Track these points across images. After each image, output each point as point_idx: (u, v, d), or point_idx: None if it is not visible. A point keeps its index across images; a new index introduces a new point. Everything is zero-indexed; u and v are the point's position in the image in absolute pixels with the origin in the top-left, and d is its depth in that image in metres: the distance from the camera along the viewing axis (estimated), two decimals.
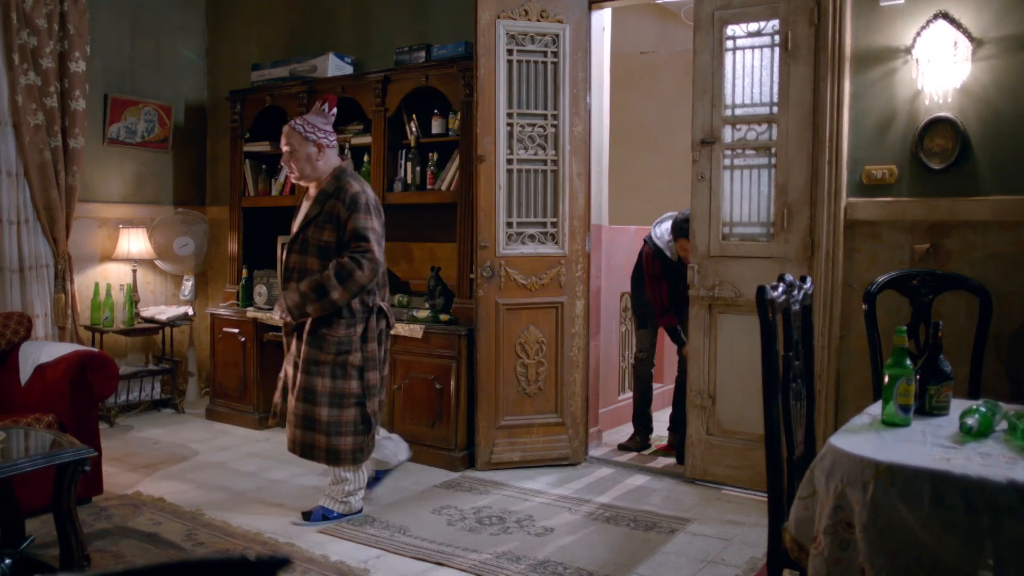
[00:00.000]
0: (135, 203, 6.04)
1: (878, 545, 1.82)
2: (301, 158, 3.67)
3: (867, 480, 1.86)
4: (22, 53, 5.09)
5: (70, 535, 2.88)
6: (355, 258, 3.53)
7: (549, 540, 3.55)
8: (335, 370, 3.61)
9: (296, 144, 3.67)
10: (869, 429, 2.21)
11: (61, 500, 2.85)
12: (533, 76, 4.52)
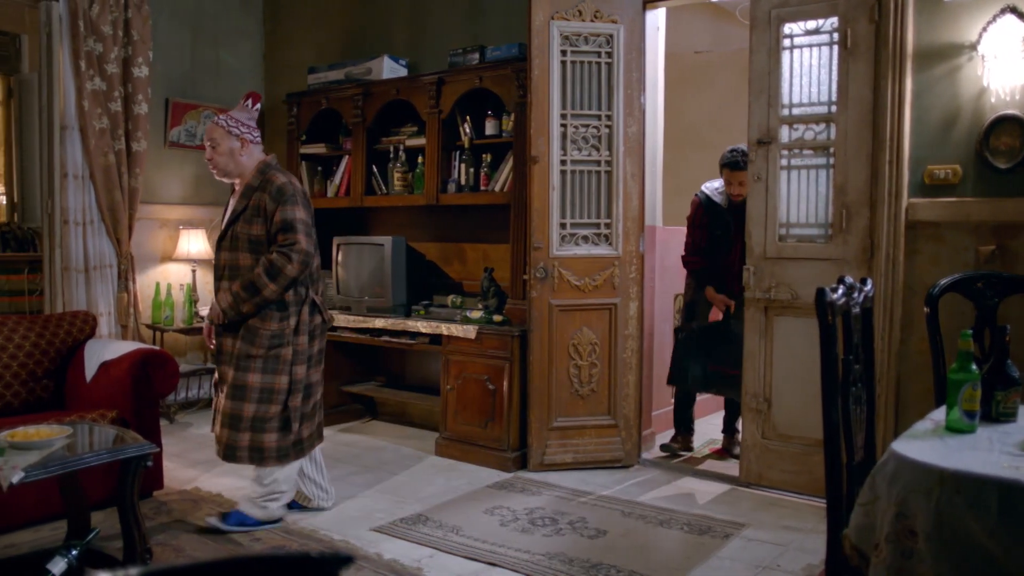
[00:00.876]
0: (194, 204, 6.16)
1: (942, 555, 1.78)
2: (223, 153, 3.61)
3: (931, 488, 1.81)
4: (88, 59, 5.23)
5: (133, 529, 2.95)
6: (283, 252, 3.47)
7: (602, 542, 3.54)
8: (267, 364, 3.54)
9: (219, 138, 3.61)
10: (933, 435, 2.16)
11: (124, 494, 2.93)
12: (587, 77, 4.50)
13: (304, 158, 5.79)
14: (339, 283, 5.40)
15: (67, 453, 2.80)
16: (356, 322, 5.20)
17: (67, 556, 2.92)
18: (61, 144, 5.25)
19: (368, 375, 5.81)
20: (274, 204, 3.51)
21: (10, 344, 4.04)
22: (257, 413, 3.53)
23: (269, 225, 3.52)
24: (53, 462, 2.71)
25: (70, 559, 2.92)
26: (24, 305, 6.71)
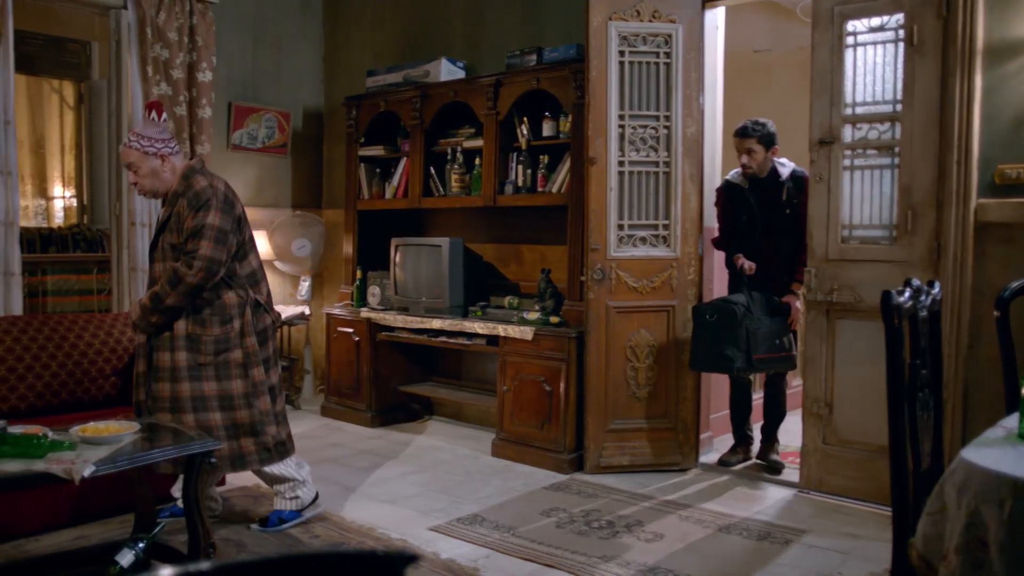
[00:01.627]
0: (256, 206, 6.27)
1: (1016, 566, 1.72)
2: (146, 175, 3.45)
3: (1004, 497, 1.76)
4: (155, 65, 5.37)
5: (197, 523, 3.01)
6: (186, 260, 3.34)
7: (658, 546, 3.51)
8: (218, 371, 3.42)
9: (136, 162, 3.44)
10: (1005, 443, 2.10)
11: (189, 490, 2.99)
12: (645, 77, 4.48)
13: (362, 160, 5.86)
14: (397, 284, 5.45)
15: (135, 448, 2.87)
16: (413, 323, 5.24)
17: (134, 549, 3.00)
18: None
19: (425, 375, 5.85)
20: (189, 210, 3.38)
21: (80, 342, 4.16)
22: (225, 421, 3.41)
23: (182, 230, 3.40)
24: (122, 457, 2.78)
25: (137, 552, 2.99)
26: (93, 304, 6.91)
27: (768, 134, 4.46)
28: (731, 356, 4.18)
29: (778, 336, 4.34)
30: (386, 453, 4.93)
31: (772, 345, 4.29)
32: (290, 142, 6.44)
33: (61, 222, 8.71)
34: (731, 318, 4.20)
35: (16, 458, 2.66)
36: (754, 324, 4.22)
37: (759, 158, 4.45)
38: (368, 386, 5.54)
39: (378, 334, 5.51)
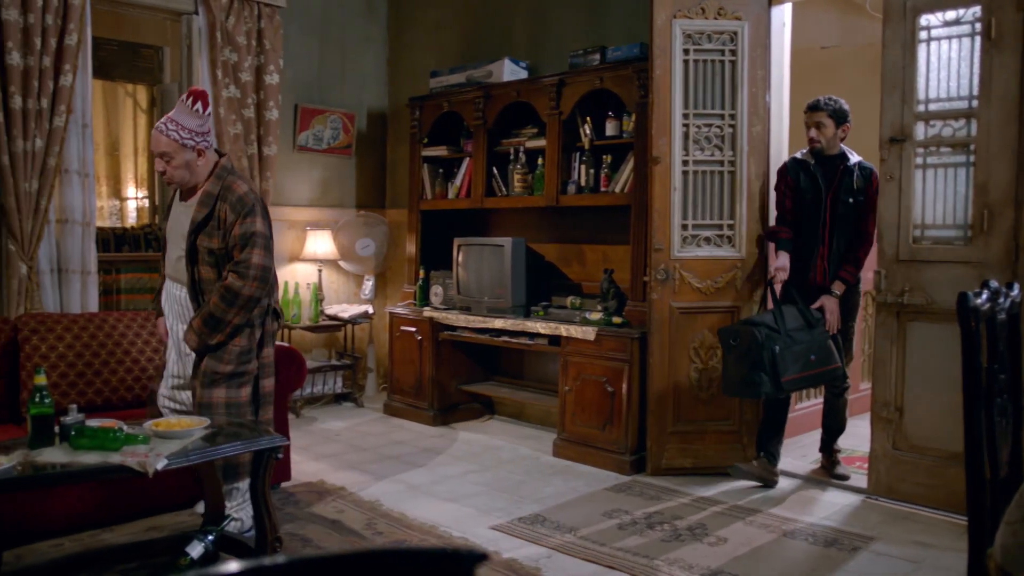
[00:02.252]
0: (321, 206, 6.37)
1: None
2: (179, 166, 3.31)
3: None
4: (224, 68, 5.49)
5: (264, 517, 3.07)
6: (238, 272, 3.27)
7: (722, 550, 3.46)
8: (232, 379, 3.37)
9: (172, 152, 3.29)
10: None
11: (257, 484, 3.05)
12: (710, 75, 4.42)
13: (426, 160, 5.90)
14: (459, 284, 5.48)
15: (205, 443, 2.94)
16: (476, 322, 5.27)
17: (204, 541, 3.07)
18: None
19: (487, 375, 5.87)
20: (234, 216, 3.29)
21: (152, 339, 4.27)
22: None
23: (227, 238, 3.30)
24: (193, 451, 2.85)
25: (207, 543, 3.07)
26: None
27: (840, 109, 4.25)
28: (757, 381, 3.96)
29: (815, 351, 4.07)
30: (448, 452, 4.96)
31: (806, 363, 4.05)
32: (354, 143, 6.52)
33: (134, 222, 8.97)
34: (752, 342, 3.97)
35: (94, 450, 2.74)
36: (782, 344, 3.97)
37: (828, 133, 4.25)
38: (430, 385, 5.58)
39: (440, 333, 5.54)
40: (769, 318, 4.10)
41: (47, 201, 4.80)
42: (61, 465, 2.69)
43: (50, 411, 2.84)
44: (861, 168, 4.29)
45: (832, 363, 4.14)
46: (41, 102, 4.72)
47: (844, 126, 4.28)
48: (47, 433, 2.83)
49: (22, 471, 2.63)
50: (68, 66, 4.79)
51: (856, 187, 4.26)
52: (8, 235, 4.71)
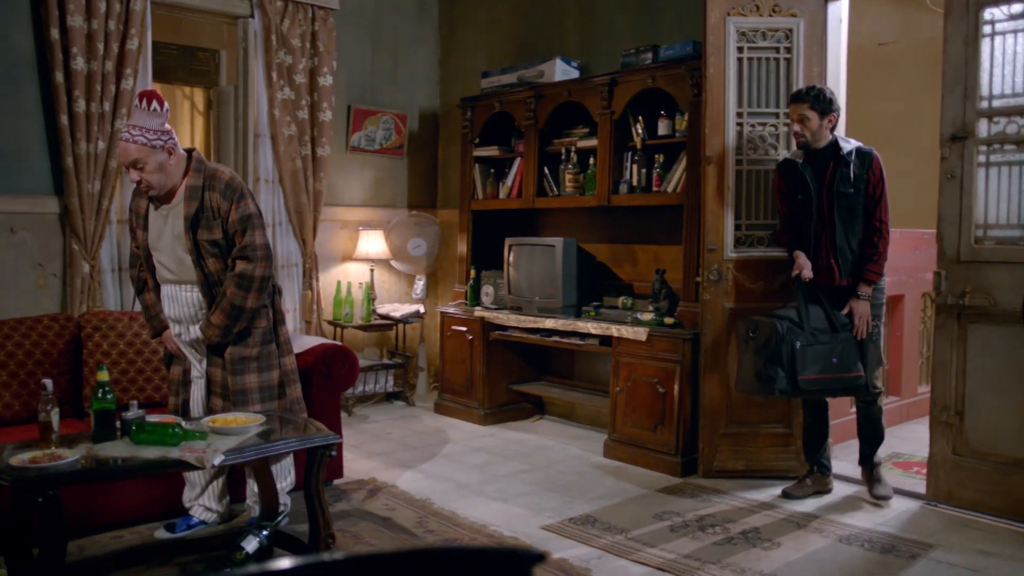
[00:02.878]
0: (373, 206, 6.43)
1: None
2: (154, 170, 3.19)
3: None
4: (279, 71, 5.58)
5: (318, 514, 3.10)
6: (247, 257, 3.27)
7: (775, 555, 3.42)
8: (260, 363, 3.40)
9: (143, 157, 3.16)
10: None
11: (310, 481, 3.09)
12: (764, 74, 4.37)
13: (477, 160, 5.92)
14: (510, 283, 5.49)
15: (260, 440, 2.98)
16: (526, 322, 5.27)
17: (259, 535, 3.12)
18: (254, 151, 5.62)
19: (537, 375, 5.87)
20: (228, 202, 3.27)
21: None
22: (264, 412, 3.32)
23: (226, 225, 3.28)
24: (248, 447, 2.89)
25: (261, 538, 3.11)
26: None
27: (823, 98, 3.93)
28: (773, 376, 3.79)
29: (838, 355, 3.86)
30: (498, 451, 4.97)
31: (827, 365, 3.84)
32: (406, 143, 6.57)
33: None
34: (772, 334, 3.80)
35: (153, 445, 2.80)
36: (803, 340, 3.80)
37: (813, 125, 3.94)
38: (481, 384, 5.60)
39: (491, 333, 5.56)
40: (793, 313, 3.94)
41: (108, 202, 4.92)
42: (122, 459, 2.76)
43: (112, 407, 2.91)
44: (859, 154, 3.96)
45: (854, 371, 3.90)
46: (103, 105, 4.84)
47: (830, 116, 3.97)
48: (109, 428, 2.91)
49: (85, 464, 2.71)
50: (129, 70, 4.91)
51: (854, 175, 3.94)
52: (72, 235, 4.84)
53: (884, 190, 3.95)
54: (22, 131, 4.77)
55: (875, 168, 3.95)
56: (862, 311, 3.95)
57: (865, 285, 3.96)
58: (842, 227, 3.96)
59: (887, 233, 3.95)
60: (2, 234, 4.74)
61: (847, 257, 3.98)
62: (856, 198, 3.95)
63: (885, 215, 3.95)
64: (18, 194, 4.77)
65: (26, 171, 4.80)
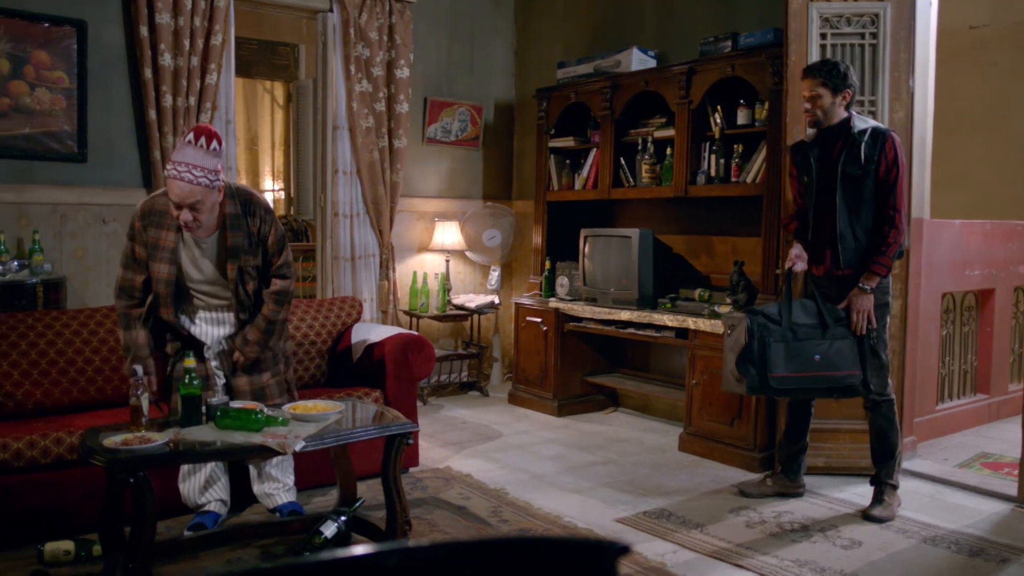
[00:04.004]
0: (448, 198, 6.48)
1: None
2: (207, 210, 3.09)
3: None
4: (357, 64, 5.65)
5: (395, 501, 3.15)
6: (284, 275, 3.35)
7: (857, 554, 3.33)
8: (274, 359, 3.47)
9: (203, 197, 3.05)
10: None
11: (388, 468, 3.13)
12: (848, 60, 4.23)
13: (552, 151, 5.91)
14: (585, 275, 5.47)
15: (339, 427, 3.04)
16: (601, 314, 5.24)
17: (337, 521, 3.18)
18: (332, 143, 5.71)
19: (612, 367, 5.84)
20: (267, 225, 3.28)
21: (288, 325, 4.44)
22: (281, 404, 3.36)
23: (265, 246, 3.30)
24: (328, 434, 2.95)
25: (339, 524, 3.17)
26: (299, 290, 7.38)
27: (837, 74, 3.64)
28: (744, 374, 3.61)
29: (824, 352, 3.61)
30: (572, 442, 4.96)
31: (806, 363, 3.59)
32: (482, 135, 6.59)
33: None
34: (743, 331, 3.62)
35: (237, 430, 2.88)
36: (777, 337, 3.59)
37: (824, 103, 3.65)
38: (555, 375, 5.60)
39: (566, 324, 5.55)
40: (773, 309, 3.69)
41: None
42: (208, 443, 2.84)
43: (198, 392, 3.00)
44: (873, 134, 3.64)
45: (846, 369, 3.63)
46: (189, 100, 4.98)
47: (844, 92, 3.66)
48: (195, 413, 2.99)
49: (173, 447, 2.79)
50: (213, 65, 5.04)
51: (865, 156, 3.62)
52: None
53: (900, 175, 3.60)
54: (113, 126, 4.95)
55: (888, 150, 3.61)
56: (861, 305, 3.64)
57: (869, 277, 3.64)
58: (846, 211, 3.66)
59: (901, 223, 3.61)
60: (95, 225, 4.92)
61: (848, 245, 3.67)
62: (864, 181, 3.63)
63: (900, 203, 3.61)
64: (109, 187, 4.95)
65: (116, 164, 4.97)
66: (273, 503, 3.56)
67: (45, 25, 4.72)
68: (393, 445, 3.11)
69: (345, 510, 3.27)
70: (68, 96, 4.80)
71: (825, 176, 3.72)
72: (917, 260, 4.52)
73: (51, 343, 3.79)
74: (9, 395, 3.65)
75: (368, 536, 3.30)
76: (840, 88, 3.66)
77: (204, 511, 3.46)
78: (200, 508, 3.48)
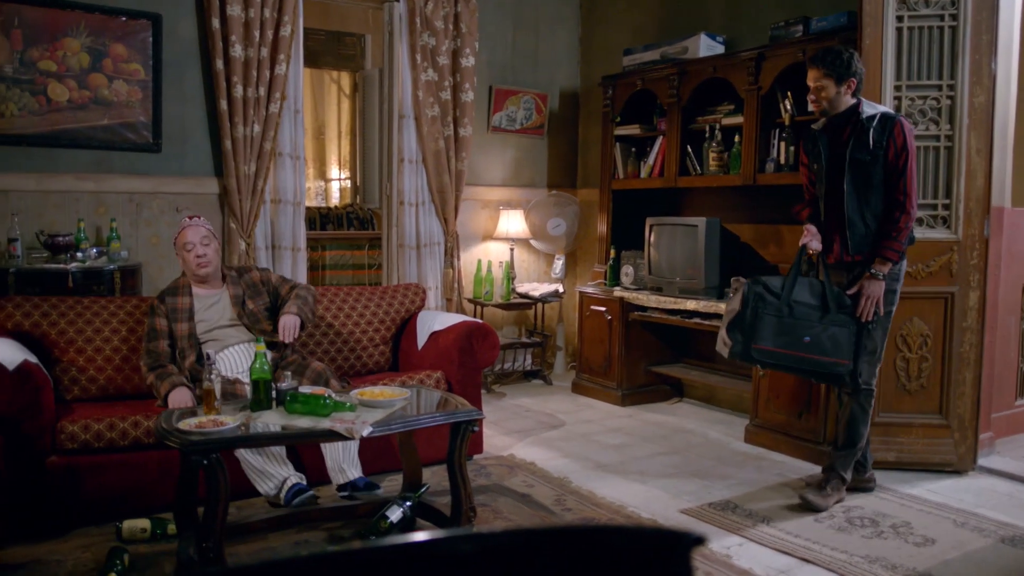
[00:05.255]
0: (513, 186, 6.48)
1: None
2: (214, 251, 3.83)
3: None
4: (423, 53, 5.68)
5: (460, 487, 3.17)
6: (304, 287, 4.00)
7: (930, 552, 3.25)
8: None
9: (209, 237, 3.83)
10: None
11: (454, 455, 3.15)
12: (926, 43, 4.11)
13: (618, 139, 5.86)
14: (651, 264, 5.42)
15: (406, 413, 3.07)
16: (667, 303, 5.19)
17: (402, 506, 3.21)
18: (398, 132, 5.76)
19: (676, 356, 5.79)
20: (266, 273, 4.01)
21: (354, 313, 4.50)
22: None
23: (269, 287, 3.97)
24: (395, 420, 2.98)
25: (405, 509, 3.21)
26: (364, 278, 7.47)
27: (840, 63, 3.58)
28: (732, 339, 3.64)
29: (816, 335, 3.56)
30: (636, 432, 4.93)
31: (794, 342, 3.56)
32: (547, 123, 6.57)
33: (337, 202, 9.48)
34: (740, 297, 3.63)
35: (306, 415, 2.93)
36: (771, 309, 3.56)
37: (829, 94, 3.62)
38: (619, 365, 5.57)
39: (630, 314, 5.51)
40: (777, 282, 3.66)
41: (263, 182, 5.16)
42: (277, 427, 2.90)
43: (268, 376, 3.06)
44: (882, 119, 3.59)
45: (835, 357, 3.58)
46: (259, 90, 5.07)
47: (848, 81, 3.61)
48: (266, 397, 3.05)
49: (245, 431, 2.85)
50: (282, 56, 5.12)
51: (873, 142, 3.56)
52: (230, 214, 5.11)
53: (909, 161, 3.55)
54: (186, 117, 5.06)
55: (897, 135, 3.56)
56: (871, 291, 3.59)
57: (881, 263, 3.59)
58: (854, 197, 3.61)
59: (911, 208, 3.56)
60: (168, 213, 5.05)
61: (857, 231, 3.63)
62: (873, 167, 3.58)
63: (910, 188, 3.55)
64: (183, 176, 5.07)
65: (189, 154, 5.09)
66: (345, 477, 3.62)
67: (122, 19, 4.84)
68: (459, 432, 3.13)
69: (411, 495, 3.31)
70: (144, 88, 4.92)
71: (834, 163, 3.68)
72: (997, 250, 4.37)
73: (132, 330, 3.91)
74: (92, 380, 3.78)
75: (433, 522, 3.34)
76: (844, 77, 3.62)
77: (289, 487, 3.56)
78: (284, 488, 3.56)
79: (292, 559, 0.72)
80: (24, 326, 3.71)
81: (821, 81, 3.64)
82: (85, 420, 3.40)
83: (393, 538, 0.78)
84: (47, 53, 4.67)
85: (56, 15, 4.67)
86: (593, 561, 0.79)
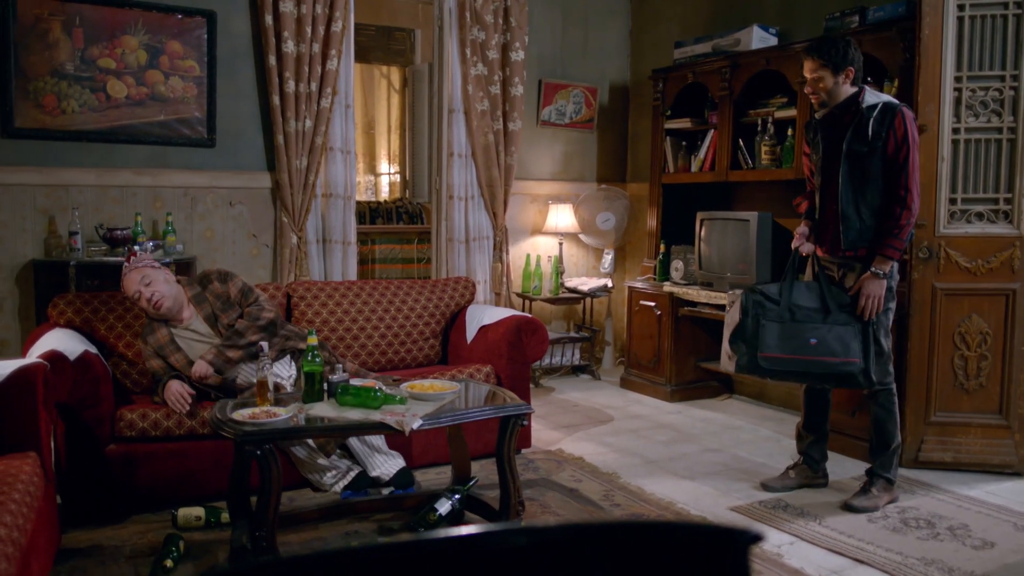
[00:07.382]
0: (562, 180, 6.46)
1: None
2: (161, 283, 3.55)
3: None
4: (472, 47, 5.69)
5: (509, 481, 3.17)
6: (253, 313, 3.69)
7: (988, 555, 3.17)
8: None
9: (153, 275, 3.56)
10: None
11: (503, 449, 3.16)
12: (989, 33, 4.01)
13: (668, 133, 5.81)
14: (701, 258, 5.36)
15: (455, 407, 3.08)
16: (717, 298, 5.14)
17: (451, 499, 3.23)
18: (448, 126, 5.77)
19: None
20: (224, 285, 3.74)
21: (404, 306, 4.53)
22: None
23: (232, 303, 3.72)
24: (445, 413, 3.00)
25: (454, 502, 3.23)
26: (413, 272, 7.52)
27: (836, 53, 3.47)
28: (736, 351, 3.56)
29: (822, 336, 3.47)
30: (685, 428, 4.90)
31: (801, 346, 3.47)
32: (596, 117, 6.54)
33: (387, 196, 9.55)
34: (740, 307, 3.54)
35: (357, 408, 2.96)
36: (772, 316, 3.50)
37: (827, 84, 3.51)
38: (668, 360, 5.53)
39: (680, 309, 5.46)
40: (773, 288, 3.58)
41: (315, 177, 5.22)
42: (329, 419, 2.93)
43: (320, 369, 3.10)
44: (884, 110, 3.47)
45: (844, 356, 3.48)
46: (311, 86, 5.12)
47: (846, 70, 3.50)
48: (317, 389, 3.09)
49: (296, 422, 2.89)
50: (334, 51, 5.16)
51: (872, 133, 3.45)
52: (282, 208, 5.17)
53: (910, 154, 3.43)
54: (240, 112, 5.14)
55: (898, 126, 3.43)
56: (871, 290, 3.48)
57: (882, 261, 3.48)
58: (849, 190, 3.51)
59: (912, 203, 3.44)
60: (222, 207, 5.14)
61: (852, 225, 3.53)
62: (871, 159, 3.47)
63: (911, 183, 3.44)
64: (236, 170, 5.15)
65: (242, 149, 5.17)
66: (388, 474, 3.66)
67: (178, 16, 4.93)
68: (508, 426, 3.14)
69: (459, 488, 3.32)
70: (199, 84, 5.01)
71: (831, 154, 3.59)
72: None
73: None
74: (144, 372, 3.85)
75: (481, 515, 3.35)
76: (841, 66, 3.51)
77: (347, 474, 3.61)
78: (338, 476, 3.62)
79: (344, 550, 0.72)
80: (76, 322, 3.79)
81: (818, 72, 3.53)
82: (143, 409, 3.47)
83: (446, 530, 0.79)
84: (106, 51, 4.77)
85: (115, 14, 4.77)
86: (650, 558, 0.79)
